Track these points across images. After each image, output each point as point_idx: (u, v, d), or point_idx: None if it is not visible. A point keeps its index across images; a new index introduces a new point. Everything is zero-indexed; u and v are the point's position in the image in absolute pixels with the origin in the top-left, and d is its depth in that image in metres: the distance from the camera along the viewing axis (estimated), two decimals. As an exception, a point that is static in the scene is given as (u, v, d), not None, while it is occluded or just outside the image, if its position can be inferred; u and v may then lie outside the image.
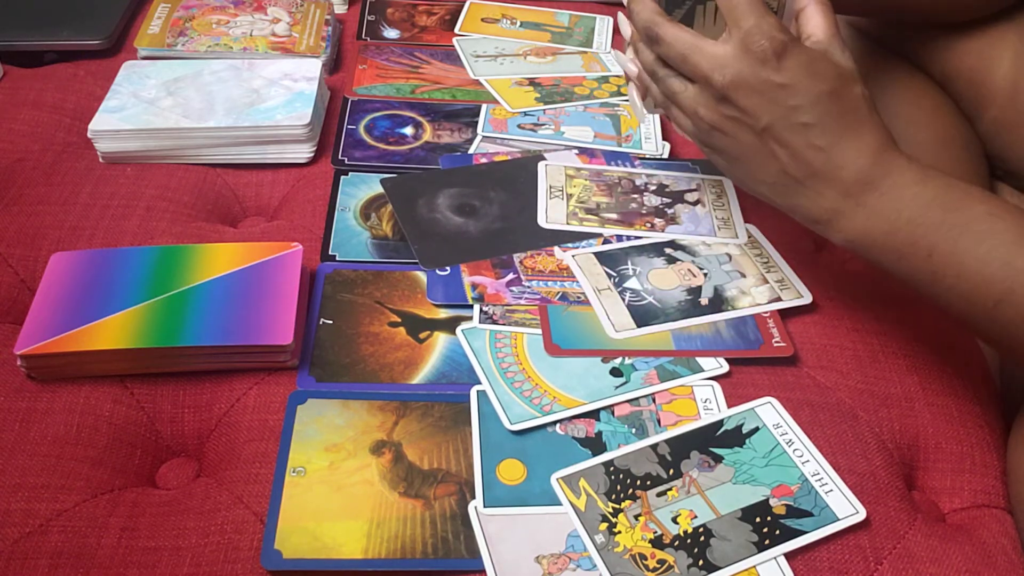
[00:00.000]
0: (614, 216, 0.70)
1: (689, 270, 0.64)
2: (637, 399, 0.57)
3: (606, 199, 0.72)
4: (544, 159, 0.75)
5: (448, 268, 0.65)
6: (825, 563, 0.49)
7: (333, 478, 0.51)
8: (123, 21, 0.88)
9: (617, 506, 0.51)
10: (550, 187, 0.72)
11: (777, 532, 0.50)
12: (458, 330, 0.60)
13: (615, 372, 0.58)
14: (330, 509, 0.50)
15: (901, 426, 0.58)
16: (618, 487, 0.52)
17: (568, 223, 0.69)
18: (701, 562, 0.48)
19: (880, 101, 0.81)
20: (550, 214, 0.70)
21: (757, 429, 0.55)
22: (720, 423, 0.55)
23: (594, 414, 0.56)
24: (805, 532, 0.50)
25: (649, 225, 0.70)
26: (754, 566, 0.48)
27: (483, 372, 0.57)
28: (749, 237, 0.69)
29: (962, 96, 0.81)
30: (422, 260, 0.65)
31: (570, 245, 0.67)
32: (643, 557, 0.48)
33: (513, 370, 0.58)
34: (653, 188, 0.73)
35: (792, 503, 0.51)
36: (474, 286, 0.63)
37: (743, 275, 0.65)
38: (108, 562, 0.47)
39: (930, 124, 0.80)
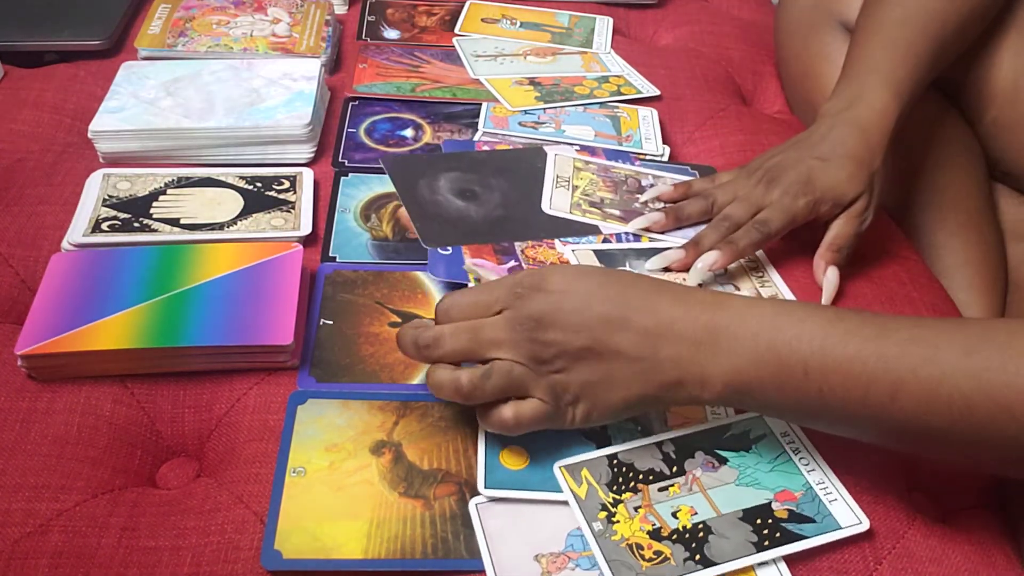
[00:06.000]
0: (616, 212, 0.70)
1: (684, 279, 0.64)
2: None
3: (610, 195, 0.72)
4: (546, 153, 0.75)
5: (450, 248, 0.65)
6: (824, 563, 0.49)
7: (333, 478, 0.51)
8: (123, 21, 0.89)
9: (618, 497, 0.51)
10: (557, 176, 0.73)
11: (777, 535, 0.49)
12: None
13: None
14: (330, 509, 0.50)
15: (901, 426, 0.58)
16: (620, 479, 0.52)
17: (571, 212, 0.70)
18: (698, 556, 0.48)
19: None
20: (554, 201, 0.70)
21: (764, 436, 0.55)
22: (727, 427, 0.55)
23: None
24: (806, 537, 0.49)
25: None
26: (751, 566, 0.48)
27: None
28: (751, 256, 0.68)
29: (962, 97, 0.81)
30: (424, 238, 0.65)
31: (571, 240, 0.67)
32: (639, 547, 0.48)
33: None
34: None
35: (795, 508, 0.51)
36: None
37: (737, 288, 0.65)
38: (108, 562, 0.47)
39: (929, 126, 0.80)
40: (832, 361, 0.46)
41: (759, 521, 0.50)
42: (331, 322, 0.61)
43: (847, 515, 0.51)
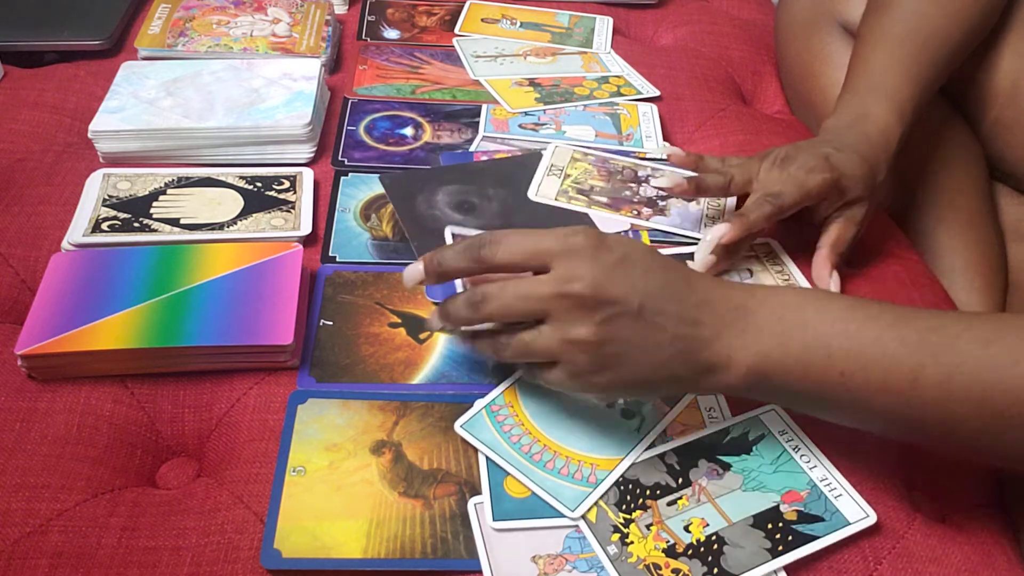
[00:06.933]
0: (604, 200, 0.71)
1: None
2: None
3: (602, 183, 0.73)
4: (545, 151, 0.76)
5: None
6: (824, 563, 0.49)
7: (333, 478, 0.51)
8: (123, 21, 0.89)
9: (628, 516, 0.50)
10: (552, 165, 0.73)
11: (790, 538, 0.49)
12: (458, 427, 0.55)
13: (626, 414, 0.56)
14: (330, 509, 0.50)
15: (900, 426, 0.58)
16: (627, 497, 0.51)
17: (556, 199, 0.70)
18: (716, 570, 0.48)
19: None
20: (542, 189, 0.71)
21: (763, 436, 0.55)
22: (726, 431, 0.55)
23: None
24: (818, 537, 0.49)
25: (636, 213, 0.70)
26: (766, 574, 0.48)
27: (510, 465, 0.52)
28: (770, 251, 0.68)
29: (963, 98, 0.81)
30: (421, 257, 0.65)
31: None
32: (657, 567, 0.48)
33: (536, 449, 0.54)
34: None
35: (803, 508, 0.51)
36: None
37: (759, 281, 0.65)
38: (108, 562, 0.47)
39: (930, 128, 0.80)
40: (855, 344, 0.46)
41: (770, 526, 0.50)
42: (331, 323, 0.61)
43: (854, 510, 0.51)
